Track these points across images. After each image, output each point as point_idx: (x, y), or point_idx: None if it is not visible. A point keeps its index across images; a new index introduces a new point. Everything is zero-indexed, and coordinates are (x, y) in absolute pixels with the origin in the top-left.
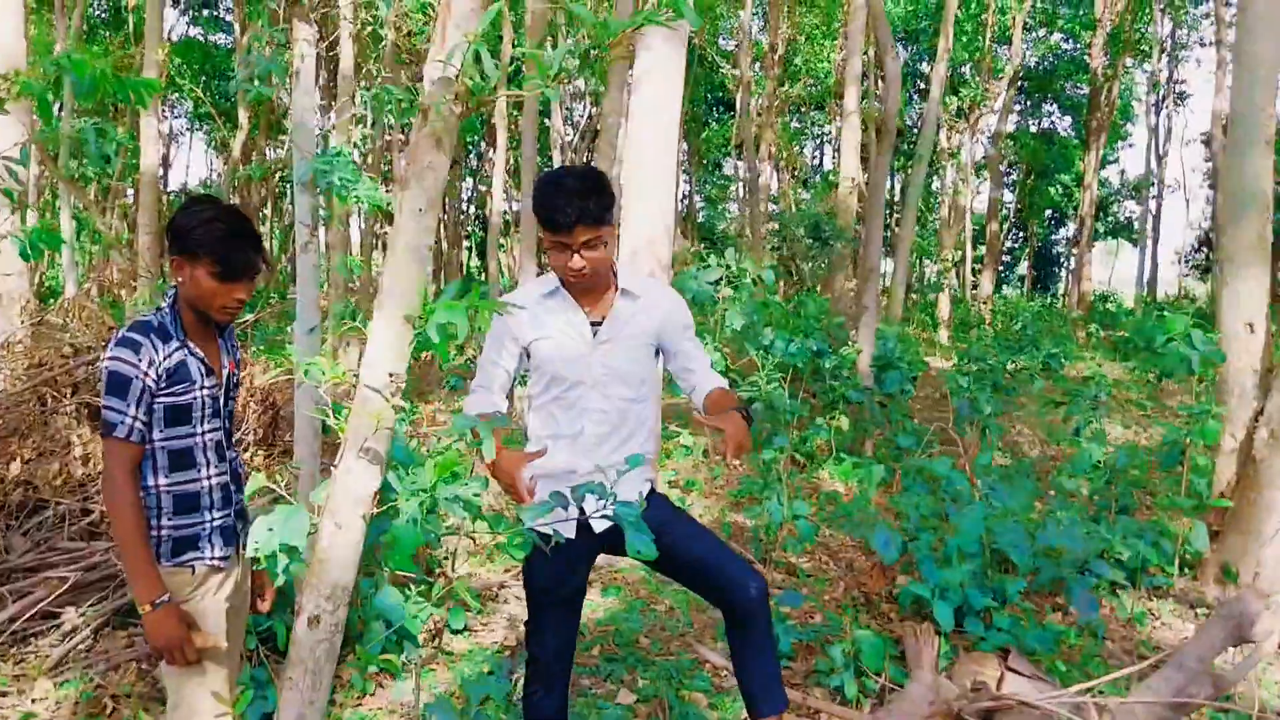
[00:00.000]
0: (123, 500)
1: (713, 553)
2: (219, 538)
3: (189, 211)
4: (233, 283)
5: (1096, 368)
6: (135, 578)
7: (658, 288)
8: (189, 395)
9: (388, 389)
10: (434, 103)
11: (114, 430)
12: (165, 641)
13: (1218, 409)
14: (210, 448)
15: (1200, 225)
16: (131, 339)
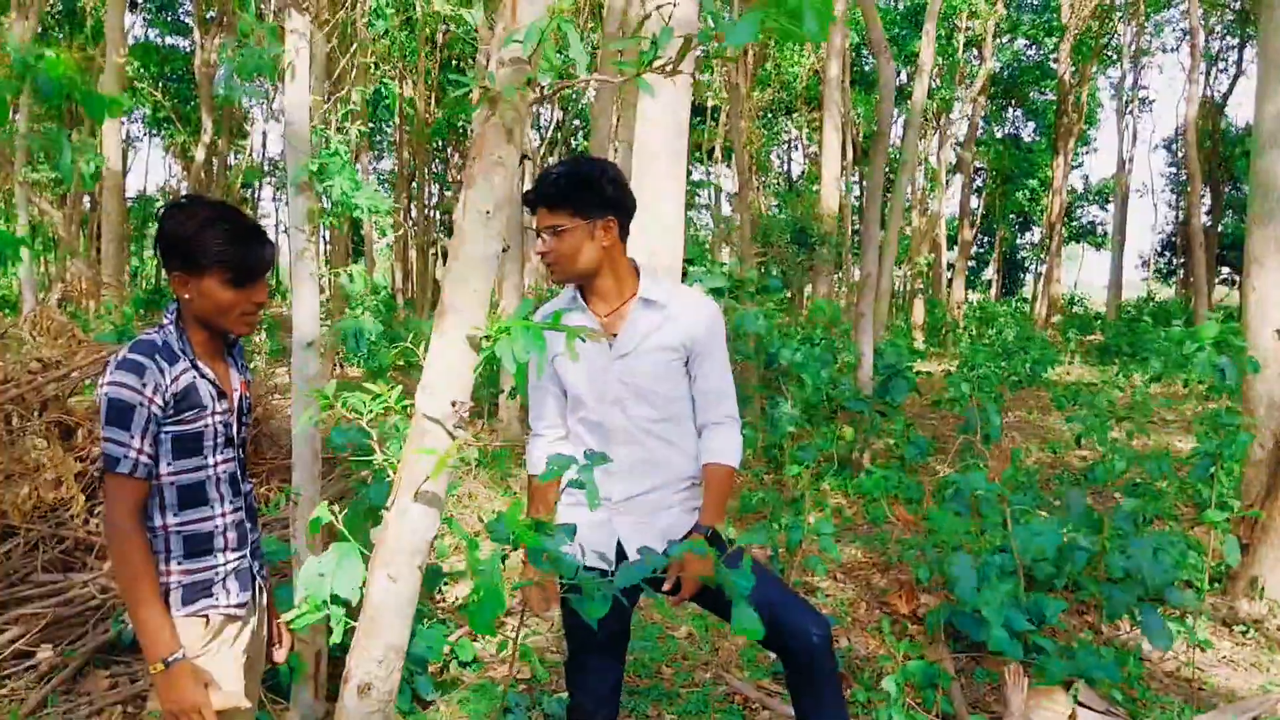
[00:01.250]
0: (128, 545)
1: (774, 598)
2: (235, 582)
3: (179, 218)
4: (249, 287)
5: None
6: (144, 632)
7: (688, 296)
8: (200, 423)
9: (450, 420)
10: (505, 88)
11: (116, 465)
12: (180, 704)
13: (1248, 419)
14: (224, 481)
15: (1164, 229)
16: (134, 361)
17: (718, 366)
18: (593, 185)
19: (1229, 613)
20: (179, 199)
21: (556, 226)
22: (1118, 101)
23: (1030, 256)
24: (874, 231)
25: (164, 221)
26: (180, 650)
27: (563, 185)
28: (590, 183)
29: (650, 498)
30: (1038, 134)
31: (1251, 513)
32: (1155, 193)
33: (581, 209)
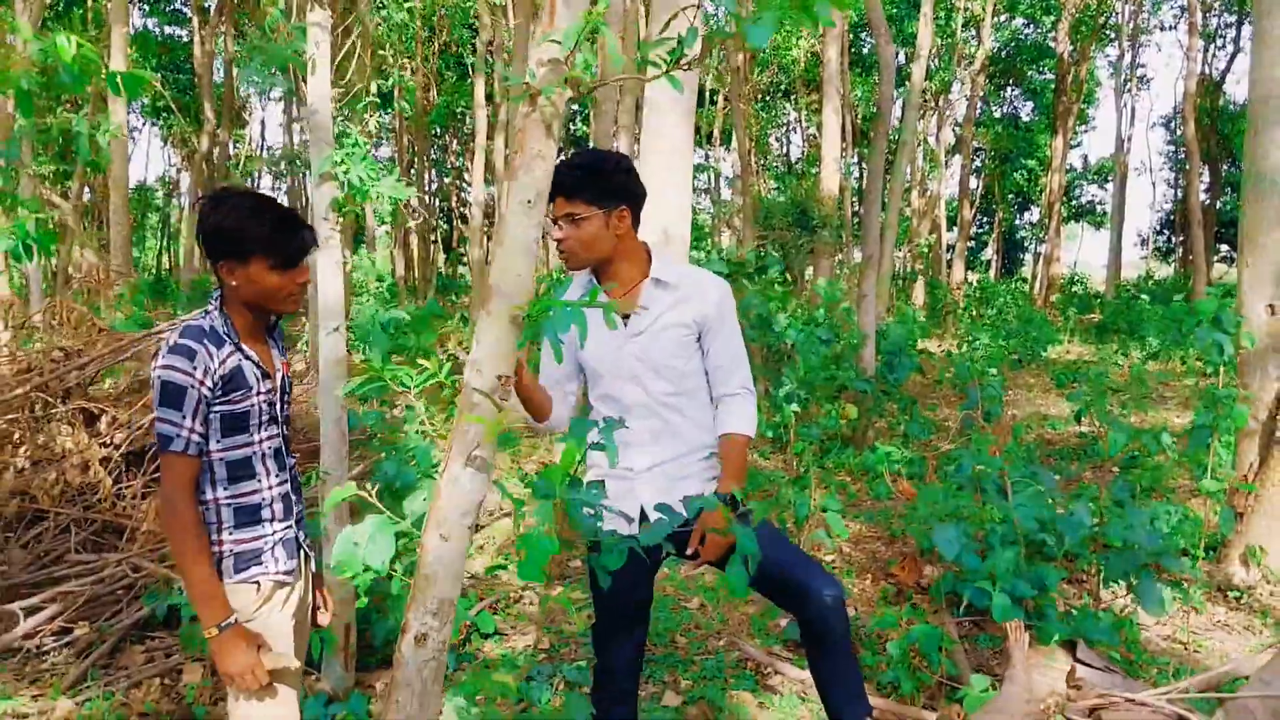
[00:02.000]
0: (183, 518)
1: (787, 560)
2: (282, 550)
3: (221, 210)
4: (292, 269)
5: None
6: (199, 600)
7: (699, 276)
8: (246, 402)
9: (497, 393)
10: (544, 87)
11: (170, 444)
12: (235, 666)
13: (1243, 393)
14: (269, 456)
15: (1163, 207)
16: (185, 345)
17: (729, 340)
18: (608, 175)
19: (1223, 580)
20: (216, 191)
21: (574, 215)
22: (1116, 80)
23: (1029, 236)
24: (876, 213)
25: (206, 214)
26: (233, 616)
27: (579, 175)
28: (606, 173)
29: (670, 466)
30: (1036, 113)
31: (1245, 485)
32: (1154, 171)
33: (597, 198)
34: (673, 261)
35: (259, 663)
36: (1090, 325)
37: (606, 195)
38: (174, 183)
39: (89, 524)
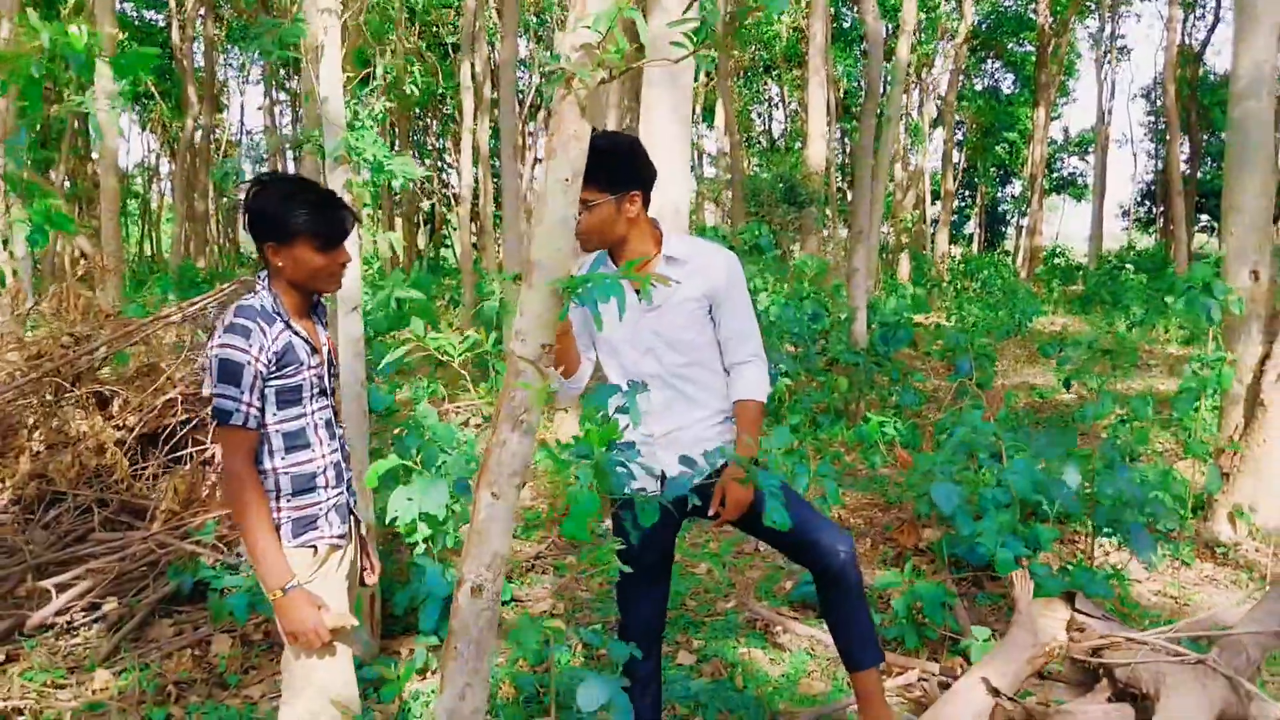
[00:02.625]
0: (246, 488)
1: (803, 517)
2: (335, 515)
3: (265, 195)
4: (335, 251)
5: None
6: (262, 564)
7: (708, 249)
8: (298, 376)
9: (541, 360)
10: (578, 70)
11: (230, 419)
12: (298, 625)
13: (1230, 357)
14: (321, 426)
15: (1143, 179)
16: (241, 325)
17: (739, 310)
18: (619, 161)
19: (1210, 537)
20: (261, 176)
21: (587, 201)
22: (1096, 51)
23: (1011, 209)
24: (866, 188)
25: (251, 200)
26: (295, 578)
27: (590, 162)
28: (617, 159)
29: (688, 432)
30: (1017, 86)
31: (1231, 445)
32: (1134, 142)
33: (609, 184)
34: (683, 236)
35: (321, 622)
36: (1074, 296)
37: (617, 181)
38: (153, 169)
39: (107, 505)
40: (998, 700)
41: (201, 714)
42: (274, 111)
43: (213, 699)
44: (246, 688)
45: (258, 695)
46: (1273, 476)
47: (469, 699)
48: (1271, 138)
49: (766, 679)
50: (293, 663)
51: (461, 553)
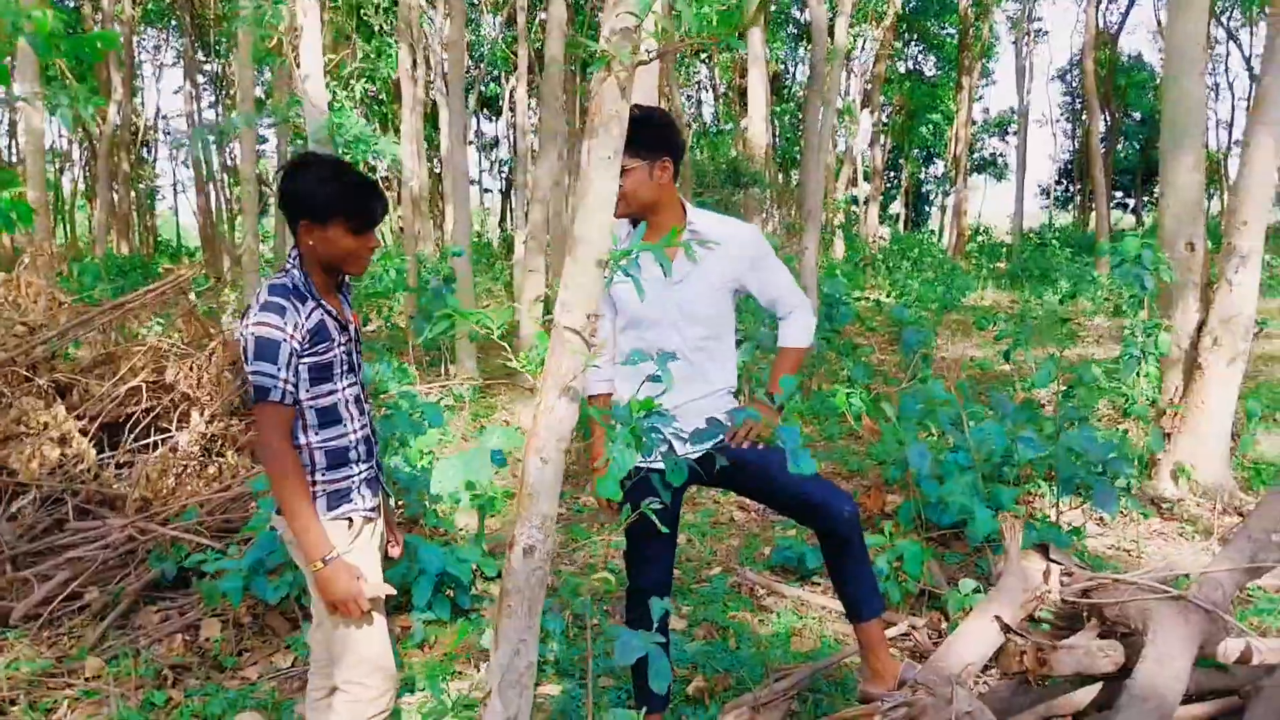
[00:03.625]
0: (285, 462)
1: (807, 480)
2: (367, 489)
3: (304, 175)
4: (367, 234)
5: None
6: (303, 536)
7: (729, 225)
8: (330, 353)
9: (585, 330)
10: (618, 53)
11: (268, 395)
12: (340, 594)
13: (1167, 323)
14: (351, 402)
15: (1061, 158)
16: (276, 303)
17: (775, 273)
18: (653, 126)
19: (1155, 494)
20: (300, 156)
21: (621, 166)
22: (1015, 34)
23: (935, 189)
24: (815, 170)
25: (289, 178)
26: (334, 550)
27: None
28: (651, 124)
29: (698, 404)
30: (939, 69)
31: (1173, 406)
32: (1053, 122)
33: (642, 149)
34: (704, 211)
35: (361, 591)
36: (1001, 273)
37: (651, 146)
38: (65, 155)
39: (76, 494)
40: (1009, 635)
41: (204, 696)
42: (198, 95)
43: (211, 681)
44: (243, 669)
45: (255, 676)
46: (1210, 435)
47: (523, 654)
48: (1203, 116)
49: (758, 639)
50: (331, 633)
51: (516, 516)
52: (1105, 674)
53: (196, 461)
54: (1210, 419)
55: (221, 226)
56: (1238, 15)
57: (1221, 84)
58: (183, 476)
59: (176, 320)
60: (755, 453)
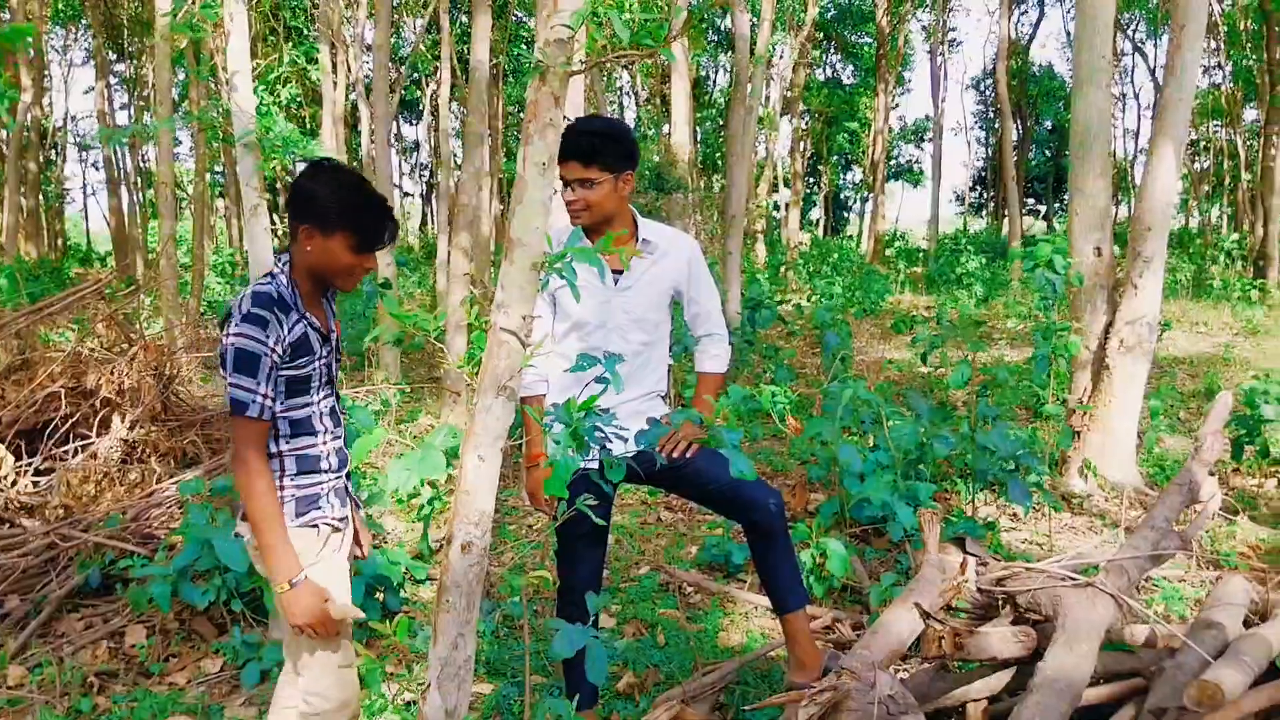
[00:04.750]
0: (259, 481)
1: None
2: (335, 497)
3: (321, 179)
4: (369, 254)
5: (945, 307)
6: (272, 557)
7: (676, 236)
8: (309, 367)
9: (522, 331)
10: (553, 63)
11: (245, 410)
12: (307, 616)
13: (1076, 325)
14: (325, 414)
15: (974, 165)
16: (258, 315)
17: (706, 289)
18: (621, 141)
19: (1065, 490)
20: (322, 159)
21: (589, 180)
22: (930, 44)
23: (853, 196)
24: (740, 175)
25: (307, 179)
26: (304, 571)
27: (598, 142)
28: (620, 139)
29: (631, 405)
30: (857, 77)
31: (1081, 405)
32: (967, 130)
33: (609, 164)
34: (649, 221)
35: (327, 615)
36: (917, 277)
37: (618, 160)
38: None
39: None
40: (928, 622)
41: (131, 702)
42: (108, 97)
43: (139, 687)
44: (170, 675)
45: (183, 681)
46: (1118, 433)
47: (461, 648)
48: (1109, 125)
49: (686, 635)
50: (294, 646)
51: (449, 513)
52: (1019, 658)
53: (118, 468)
54: (1117, 417)
55: (134, 230)
56: (1143, 29)
57: (1128, 94)
58: (103, 483)
59: (95, 325)
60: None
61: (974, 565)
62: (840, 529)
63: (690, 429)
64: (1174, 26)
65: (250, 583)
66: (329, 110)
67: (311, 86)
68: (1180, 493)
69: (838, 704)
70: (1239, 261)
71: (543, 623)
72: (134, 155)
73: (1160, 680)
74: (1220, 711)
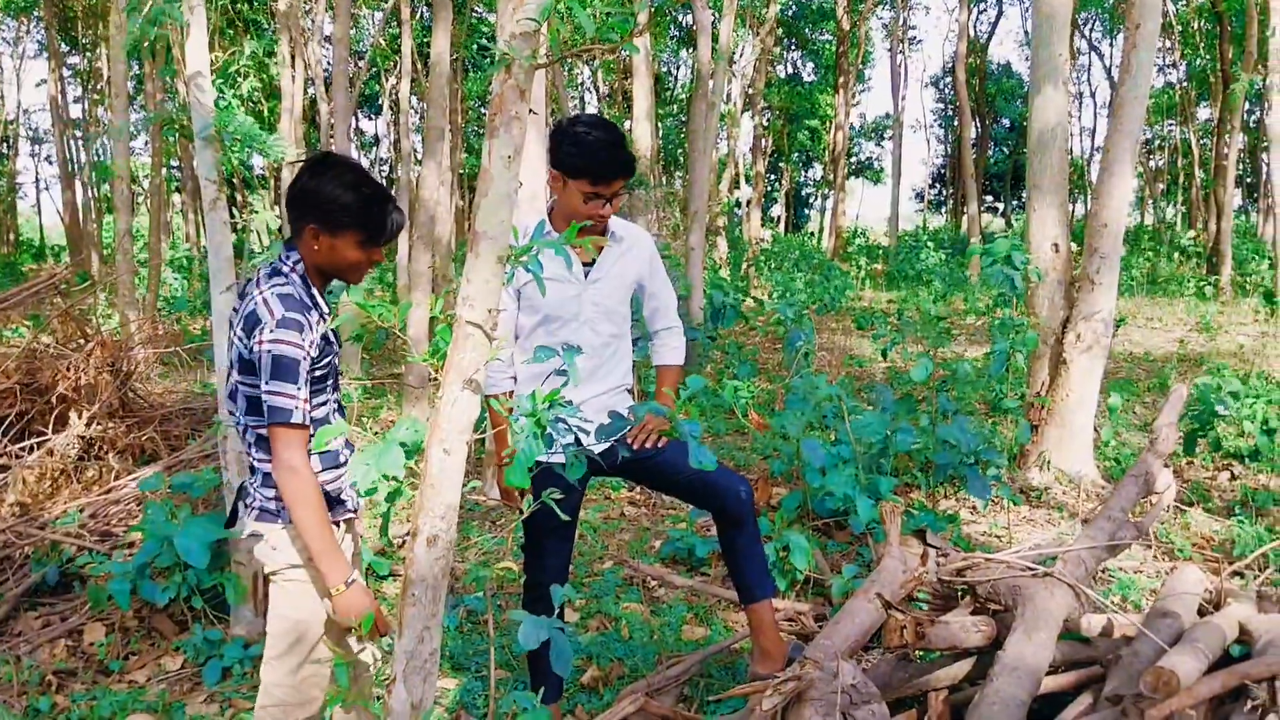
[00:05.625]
0: (307, 486)
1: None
2: (350, 491)
3: (325, 176)
4: (376, 248)
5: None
6: (325, 561)
7: (636, 230)
8: (329, 365)
9: (487, 324)
10: (518, 57)
11: (290, 417)
12: (360, 616)
13: (1034, 320)
14: (336, 410)
15: (934, 163)
16: (294, 320)
17: (664, 284)
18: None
19: (1023, 483)
20: (321, 155)
21: (618, 191)
22: (890, 41)
23: (814, 193)
24: (702, 171)
25: (310, 178)
26: (355, 573)
27: (632, 160)
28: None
29: (601, 399)
30: (817, 74)
31: (1039, 399)
32: (926, 128)
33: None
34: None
35: (380, 610)
36: (878, 274)
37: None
38: None
39: None
40: (889, 612)
41: (90, 700)
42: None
43: (99, 685)
44: (130, 673)
45: (143, 679)
46: (1075, 426)
47: (427, 641)
48: (1066, 123)
49: (650, 628)
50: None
51: (414, 506)
52: (979, 647)
53: (75, 465)
54: (1074, 411)
55: (89, 225)
56: (1100, 28)
57: (1085, 93)
58: (60, 480)
59: (51, 321)
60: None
61: (935, 557)
62: (803, 522)
63: (656, 420)
64: (1129, 26)
65: (210, 579)
66: (288, 105)
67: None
68: (1136, 484)
69: (801, 694)
70: (1193, 258)
71: (507, 617)
72: (88, 150)
73: (1117, 668)
74: (1175, 698)
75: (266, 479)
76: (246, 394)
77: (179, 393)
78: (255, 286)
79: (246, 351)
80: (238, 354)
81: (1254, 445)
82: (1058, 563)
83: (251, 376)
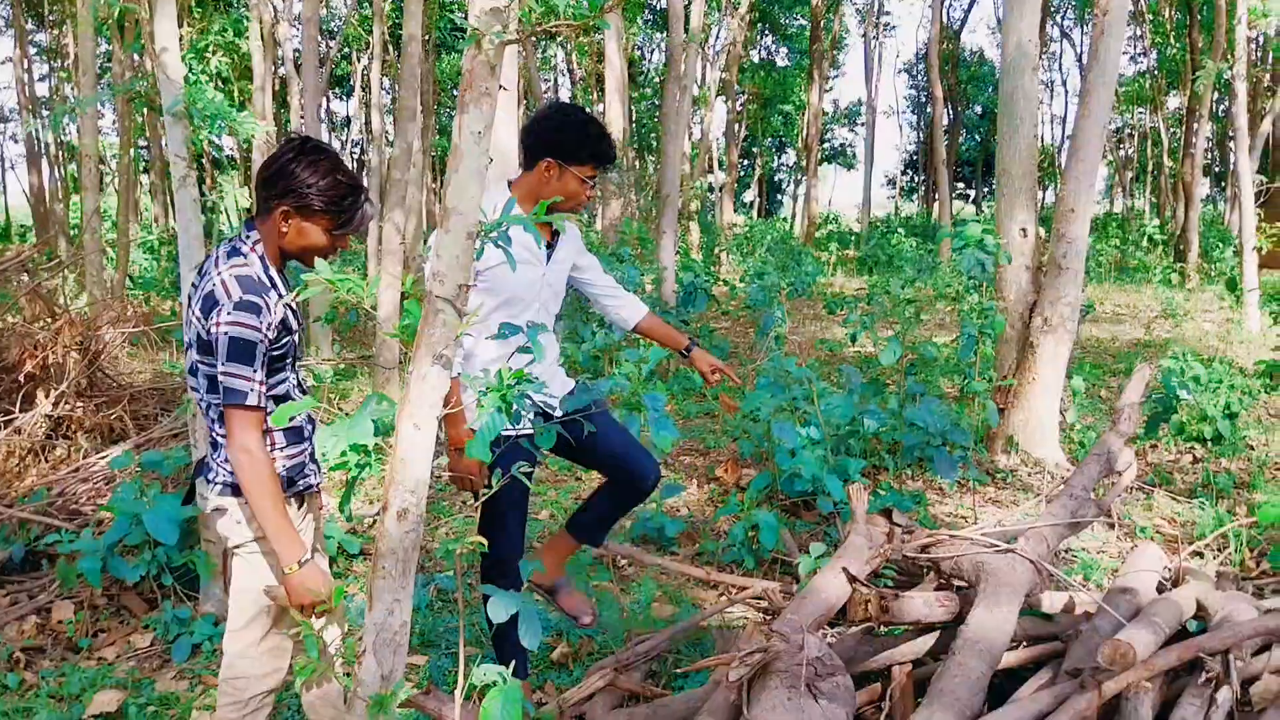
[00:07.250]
0: (263, 468)
1: (627, 444)
2: (313, 464)
3: (304, 160)
4: (344, 237)
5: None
6: (278, 540)
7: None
8: (288, 345)
9: (458, 300)
10: (488, 32)
11: (246, 399)
12: (310, 597)
13: (1002, 304)
14: (296, 387)
15: (906, 149)
16: (251, 302)
17: (594, 259)
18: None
19: (990, 465)
20: (302, 139)
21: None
22: (864, 27)
23: (787, 178)
24: (674, 155)
25: (286, 159)
26: (307, 551)
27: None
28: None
29: (547, 372)
30: (791, 59)
31: (1006, 382)
32: (899, 114)
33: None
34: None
35: (332, 590)
36: (849, 259)
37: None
38: None
39: None
40: (854, 586)
41: (59, 677)
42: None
43: (66, 662)
44: (99, 650)
45: (112, 656)
46: (1042, 410)
47: (396, 614)
48: (1035, 110)
49: (619, 606)
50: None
51: (385, 481)
52: (942, 622)
53: (42, 443)
54: (1040, 395)
55: (56, 205)
56: (1071, 15)
57: (1055, 81)
58: (28, 458)
59: (18, 299)
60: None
61: (900, 534)
62: (771, 502)
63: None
64: (1098, 12)
65: (180, 557)
66: (259, 83)
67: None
68: (1098, 462)
69: (766, 665)
70: (1161, 246)
71: (478, 593)
72: (51, 124)
73: (1077, 643)
74: (1132, 670)
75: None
76: (205, 372)
77: (147, 372)
78: (214, 266)
79: (204, 332)
80: (195, 334)
81: (1215, 429)
82: (1020, 540)
83: (209, 356)
